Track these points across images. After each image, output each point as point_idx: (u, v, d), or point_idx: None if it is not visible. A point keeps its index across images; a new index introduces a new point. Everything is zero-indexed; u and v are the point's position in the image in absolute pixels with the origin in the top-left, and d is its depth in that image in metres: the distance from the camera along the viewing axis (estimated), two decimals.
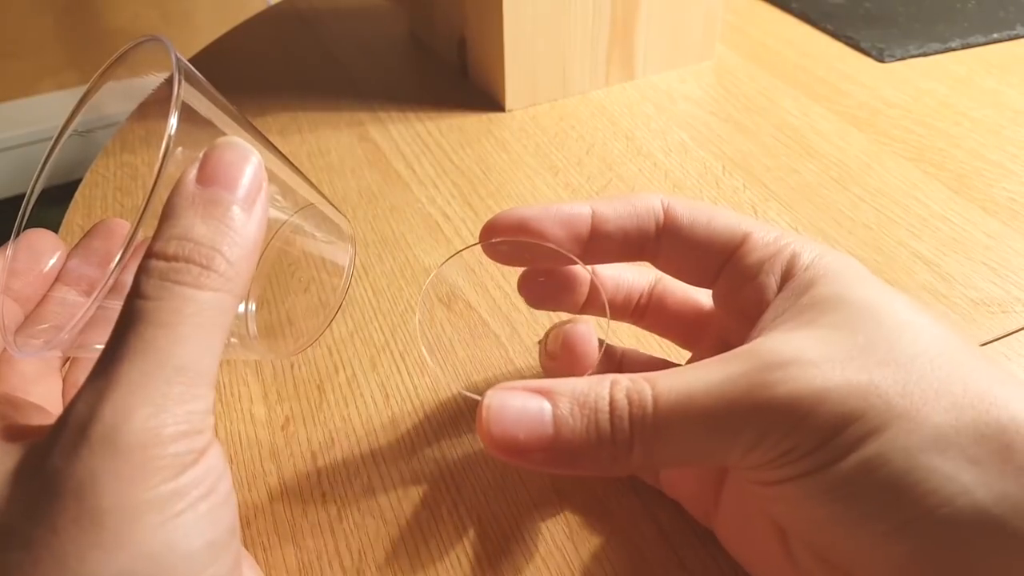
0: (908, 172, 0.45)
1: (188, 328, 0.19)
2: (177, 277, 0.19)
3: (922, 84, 0.54)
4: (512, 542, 0.26)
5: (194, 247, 0.20)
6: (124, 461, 0.18)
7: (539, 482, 0.28)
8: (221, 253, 0.20)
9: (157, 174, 0.20)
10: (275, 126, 0.51)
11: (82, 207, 0.44)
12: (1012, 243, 0.39)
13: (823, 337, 0.21)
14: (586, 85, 0.54)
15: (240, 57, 0.61)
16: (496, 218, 0.27)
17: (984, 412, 0.19)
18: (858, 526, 0.20)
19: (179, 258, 0.19)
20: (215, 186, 0.20)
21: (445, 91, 0.54)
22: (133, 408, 0.18)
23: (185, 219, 0.20)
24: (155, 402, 0.18)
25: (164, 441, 0.18)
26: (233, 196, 0.20)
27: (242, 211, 0.20)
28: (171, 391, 0.19)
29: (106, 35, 1.29)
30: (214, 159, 0.21)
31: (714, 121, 0.50)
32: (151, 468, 0.18)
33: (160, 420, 0.18)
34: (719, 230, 0.26)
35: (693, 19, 0.55)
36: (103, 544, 0.17)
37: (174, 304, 0.19)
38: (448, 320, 0.36)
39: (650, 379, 0.21)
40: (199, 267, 0.19)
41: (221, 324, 0.20)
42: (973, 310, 0.36)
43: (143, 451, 0.18)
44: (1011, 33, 0.59)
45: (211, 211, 0.20)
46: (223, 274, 0.20)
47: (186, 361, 0.19)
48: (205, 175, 0.20)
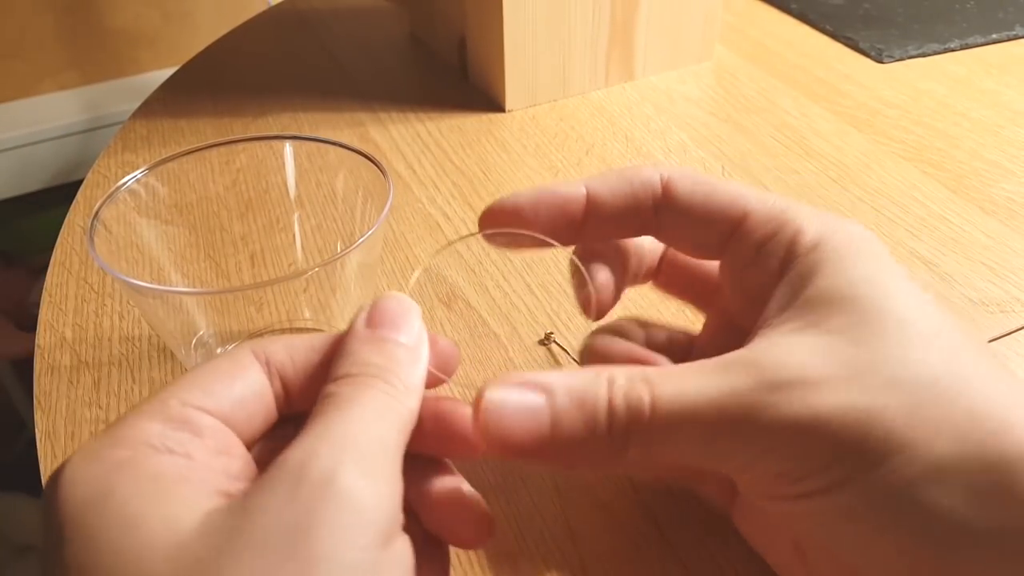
0: (907, 172, 0.45)
1: (380, 410, 0.20)
2: (364, 383, 0.20)
3: (921, 84, 0.54)
4: (512, 542, 0.27)
5: (374, 369, 0.21)
6: (341, 510, 0.17)
7: (539, 482, 0.28)
8: (397, 376, 0.21)
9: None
10: (275, 126, 0.51)
11: (83, 207, 0.45)
12: (1011, 243, 0.40)
13: (827, 348, 0.20)
14: (586, 85, 0.54)
15: (240, 57, 0.61)
16: (491, 207, 0.26)
17: (989, 442, 0.19)
18: (856, 548, 0.20)
19: (362, 375, 0.20)
20: (383, 329, 0.22)
21: (445, 91, 0.55)
22: (346, 460, 0.18)
23: (361, 354, 0.21)
24: (364, 460, 0.18)
25: (373, 498, 0.18)
26: (399, 336, 0.22)
27: (408, 351, 0.22)
28: (375, 455, 0.19)
29: (107, 35, 1.29)
30: (380, 308, 0.22)
31: (713, 121, 0.51)
32: (364, 523, 0.17)
33: (369, 477, 0.18)
34: (719, 205, 0.25)
35: (692, 20, 0.55)
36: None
37: (365, 393, 0.20)
38: (448, 320, 0.36)
39: (649, 380, 0.21)
40: (381, 381, 0.20)
41: (406, 426, 0.20)
42: (972, 310, 0.36)
43: (358, 503, 0.17)
44: (1010, 34, 0.60)
45: (383, 348, 0.21)
46: (400, 389, 0.21)
47: (383, 435, 0.19)
48: (373, 321, 0.22)
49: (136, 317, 0.36)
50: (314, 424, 0.19)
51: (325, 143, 0.34)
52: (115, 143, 0.50)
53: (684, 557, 0.26)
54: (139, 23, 1.31)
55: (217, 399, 0.20)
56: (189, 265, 0.35)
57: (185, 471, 0.18)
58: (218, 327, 0.32)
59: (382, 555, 0.18)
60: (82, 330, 0.36)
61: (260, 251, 0.38)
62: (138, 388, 0.33)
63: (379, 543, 0.18)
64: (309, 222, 0.36)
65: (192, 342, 0.31)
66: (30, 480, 0.23)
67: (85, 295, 0.38)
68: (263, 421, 0.21)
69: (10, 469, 1.00)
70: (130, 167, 0.47)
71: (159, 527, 0.17)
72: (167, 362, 0.34)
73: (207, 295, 0.31)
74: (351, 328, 0.22)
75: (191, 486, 0.18)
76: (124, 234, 0.31)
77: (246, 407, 0.21)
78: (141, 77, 1.32)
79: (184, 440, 0.19)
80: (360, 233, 0.29)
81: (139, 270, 0.31)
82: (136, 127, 0.52)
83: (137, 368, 0.34)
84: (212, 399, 0.20)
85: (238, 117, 0.52)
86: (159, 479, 0.18)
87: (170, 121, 0.52)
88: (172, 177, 0.33)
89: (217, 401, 0.20)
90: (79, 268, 0.40)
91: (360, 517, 0.17)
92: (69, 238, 0.42)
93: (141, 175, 0.31)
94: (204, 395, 0.20)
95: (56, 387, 0.33)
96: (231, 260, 0.38)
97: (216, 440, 0.20)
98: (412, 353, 0.22)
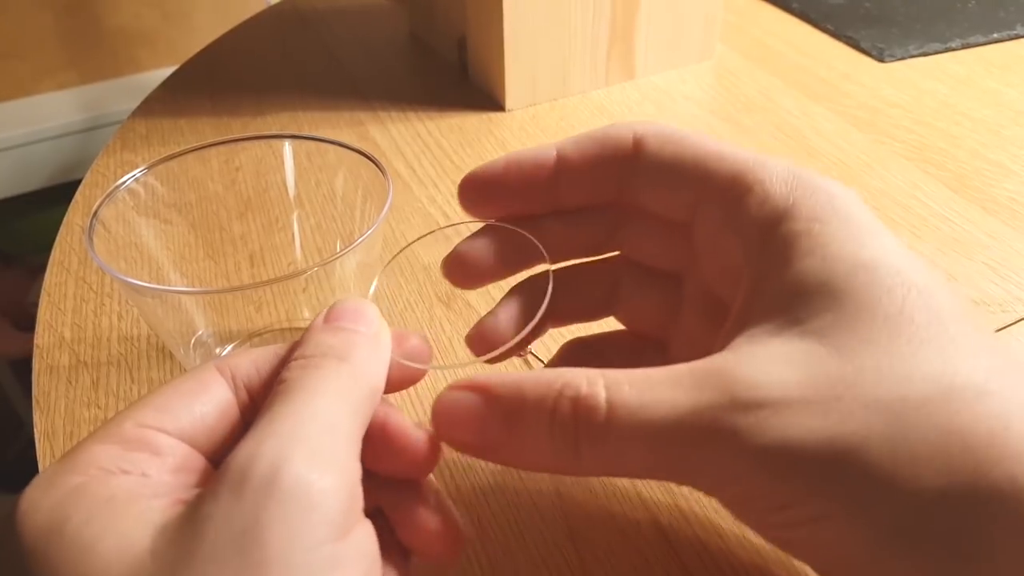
0: (908, 172, 0.45)
1: (332, 393, 0.19)
2: (317, 363, 0.20)
3: (922, 84, 0.54)
4: (512, 542, 0.26)
5: (329, 348, 0.21)
6: (288, 507, 0.17)
7: (539, 482, 0.28)
8: (354, 355, 0.21)
9: None
10: (275, 125, 0.51)
11: (82, 207, 0.44)
12: (1013, 243, 0.39)
13: (806, 359, 0.19)
14: (586, 85, 0.54)
15: (240, 57, 0.61)
16: (466, 179, 0.27)
17: (980, 477, 0.17)
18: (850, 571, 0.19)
19: (316, 355, 0.20)
20: (341, 322, 0.22)
21: (445, 91, 0.54)
22: (290, 454, 0.17)
23: (317, 338, 0.21)
24: (311, 450, 0.18)
25: (323, 490, 0.17)
26: (357, 327, 0.22)
27: (367, 337, 0.22)
28: (323, 443, 0.18)
29: (106, 34, 1.29)
30: (337, 307, 0.22)
31: (714, 121, 0.50)
32: (314, 520, 0.17)
33: (317, 468, 0.17)
34: (684, 166, 0.23)
35: (693, 19, 0.55)
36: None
37: (318, 374, 0.20)
38: (448, 319, 0.36)
39: (612, 382, 0.19)
40: (336, 359, 0.20)
41: (362, 408, 0.20)
42: (974, 310, 0.36)
43: (306, 498, 0.17)
44: (1011, 33, 0.59)
45: (339, 333, 0.21)
46: (357, 368, 0.20)
47: (334, 421, 0.19)
48: (330, 318, 0.22)
49: (135, 317, 0.36)
50: (260, 419, 0.19)
51: (324, 142, 0.33)
52: (114, 142, 0.50)
53: (684, 557, 0.26)
54: (138, 22, 1.31)
55: (175, 417, 0.20)
56: (188, 265, 0.35)
57: (138, 488, 0.18)
58: (217, 327, 0.32)
59: (340, 547, 0.17)
60: (81, 330, 0.36)
61: (259, 250, 0.38)
62: (137, 388, 0.33)
63: (335, 536, 0.17)
64: (308, 221, 0.36)
65: (191, 342, 0.31)
66: (29, 480, 0.23)
67: (84, 295, 0.38)
68: (228, 433, 0.21)
69: (9, 469, 1.00)
70: (129, 166, 0.47)
71: (114, 549, 0.17)
72: (166, 362, 0.34)
73: (206, 295, 0.31)
74: (309, 327, 0.22)
75: (144, 502, 0.18)
76: (123, 234, 0.31)
77: (207, 422, 0.20)
78: (140, 76, 1.32)
79: (140, 460, 0.19)
80: (359, 232, 0.29)
81: (138, 270, 0.31)
82: (135, 126, 0.52)
83: (136, 368, 0.34)
84: (170, 418, 0.20)
85: (237, 116, 0.52)
86: (111, 501, 0.18)
87: (169, 120, 0.52)
88: (171, 176, 0.33)
89: (175, 419, 0.20)
90: (78, 268, 0.40)
91: (310, 513, 0.17)
92: (68, 237, 0.42)
93: (140, 174, 0.31)
94: (161, 414, 0.20)
95: (55, 387, 0.33)
96: (230, 259, 0.37)
97: (175, 457, 0.19)
98: (371, 339, 0.22)
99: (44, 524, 0.17)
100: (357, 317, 0.22)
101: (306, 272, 0.27)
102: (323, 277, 0.28)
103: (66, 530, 0.17)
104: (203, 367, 0.21)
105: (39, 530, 0.17)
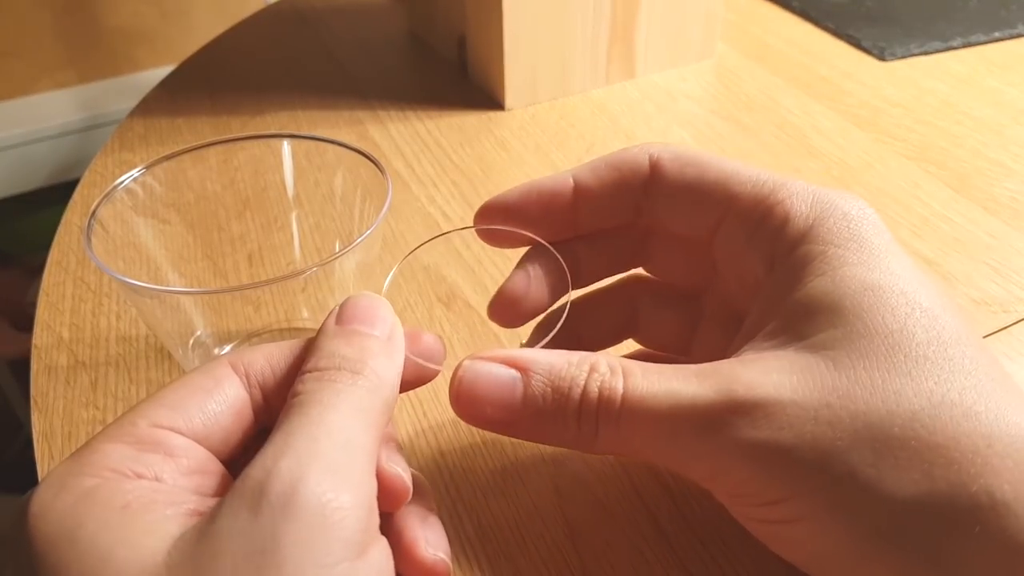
0: (909, 171, 0.45)
1: (347, 408, 0.19)
2: (332, 377, 0.20)
3: (923, 83, 0.54)
4: (512, 542, 0.26)
5: (343, 360, 0.20)
6: (305, 526, 0.17)
7: (539, 482, 0.28)
8: (368, 366, 0.20)
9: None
10: (274, 125, 0.51)
11: (80, 206, 0.44)
12: (1013, 242, 0.39)
13: (805, 370, 0.20)
14: (586, 84, 0.54)
15: (238, 55, 0.61)
16: (483, 207, 0.26)
17: (959, 490, 0.18)
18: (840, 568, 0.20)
19: (331, 368, 0.20)
20: (354, 323, 0.21)
21: (445, 89, 0.54)
22: (307, 471, 0.17)
23: (330, 347, 0.21)
24: (328, 467, 0.18)
25: (340, 508, 0.17)
26: (372, 330, 0.21)
27: (382, 343, 0.21)
28: (340, 460, 0.18)
29: (104, 33, 1.29)
30: (350, 305, 0.22)
31: (715, 120, 0.50)
32: (331, 539, 0.17)
33: (334, 486, 0.17)
34: (707, 188, 0.24)
35: (694, 17, 0.55)
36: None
37: (333, 388, 0.20)
38: (447, 319, 0.36)
39: (627, 371, 0.21)
40: (350, 373, 0.20)
41: (378, 421, 0.20)
42: (974, 310, 0.36)
43: (323, 517, 0.17)
44: (1012, 32, 0.59)
45: (352, 339, 0.21)
46: (372, 380, 0.20)
47: (350, 436, 0.19)
48: (343, 319, 0.22)
49: (133, 317, 0.36)
50: (276, 434, 0.19)
51: (323, 141, 0.33)
52: (112, 142, 0.50)
53: (684, 557, 0.26)
54: (137, 21, 1.30)
55: (188, 417, 0.20)
56: (186, 264, 0.35)
57: (154, 495, 0.18)
58: (215, 327, 0.32)
59: (357, 566, 0.17)
60: (79, 330, 0.36)
61: (258, 250, 0.37)
62: (135, 388, 0.33)
63: (352, 554, 0.17)
64: (307, 221, 0.36)
65: (189, 342, 0.31)
66: (27, 481, 0.23)
67: (82, 295, 0.38)
68: (242, 434, 0.21)
69: (7, 470, 1.00)
70: (127, 166, 0.47)
71: (129, 560, 0.17)
72: (164, 362, 0.34)
73: (204, 295, 0.31)
74: (321, 327, 0.22)
75: (160, 510, 0.18)
76: (121, 233, 0.30)
77: (221, 422, 0.20)
78: (139, 75, 1.32)
79: (153, 462, 0.19)
80: (359, 232, 0.29)
81: (136, 270, 0.31)
82: (133, 126, 0.52)
83: (134, 368, 0.34)
84: (183, 417, 0.20)
85: (236, 115, 0.52)
86: (126, 509, 0.17)
87: (168, 120, 0.52)
88: (169, 176, 0.32)
89: (189, 419, 0.20)
90: (76, 267, 0.40)
91: (327, 532, 0.17)
92: (66, 237, 0.42)
93: (138, 174, 0.31)
94: (175, 414, 0.20)
95: (53, 387, 0.33)
96: (229, 259, 0.37)
97: (189, 459, 0.19)
98: (386, 345, 0.21)
99: (56, 529, 0.17)
100: (371, 318, 0.22)
101: (305, 272, 0.27)
102: (322, 277, 0.28)
103: (79, 537, 0.17)
104: (216, 362, 0.21)
105: (51, 535, 0.17)
